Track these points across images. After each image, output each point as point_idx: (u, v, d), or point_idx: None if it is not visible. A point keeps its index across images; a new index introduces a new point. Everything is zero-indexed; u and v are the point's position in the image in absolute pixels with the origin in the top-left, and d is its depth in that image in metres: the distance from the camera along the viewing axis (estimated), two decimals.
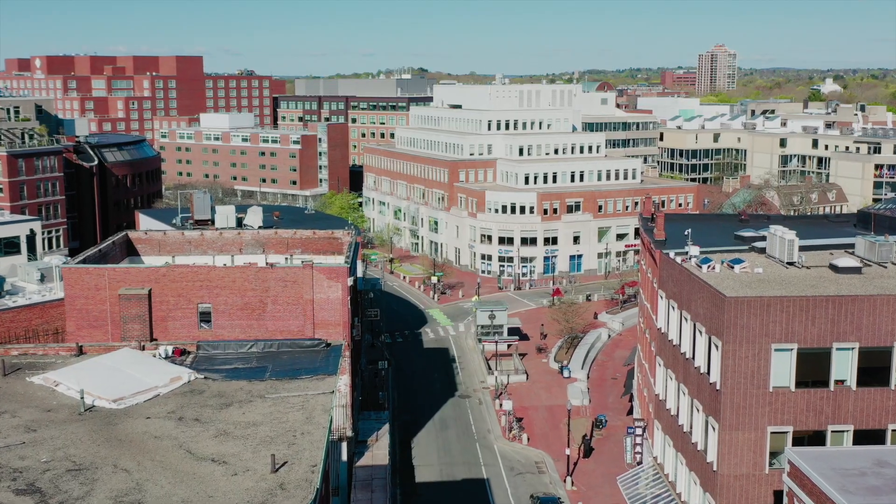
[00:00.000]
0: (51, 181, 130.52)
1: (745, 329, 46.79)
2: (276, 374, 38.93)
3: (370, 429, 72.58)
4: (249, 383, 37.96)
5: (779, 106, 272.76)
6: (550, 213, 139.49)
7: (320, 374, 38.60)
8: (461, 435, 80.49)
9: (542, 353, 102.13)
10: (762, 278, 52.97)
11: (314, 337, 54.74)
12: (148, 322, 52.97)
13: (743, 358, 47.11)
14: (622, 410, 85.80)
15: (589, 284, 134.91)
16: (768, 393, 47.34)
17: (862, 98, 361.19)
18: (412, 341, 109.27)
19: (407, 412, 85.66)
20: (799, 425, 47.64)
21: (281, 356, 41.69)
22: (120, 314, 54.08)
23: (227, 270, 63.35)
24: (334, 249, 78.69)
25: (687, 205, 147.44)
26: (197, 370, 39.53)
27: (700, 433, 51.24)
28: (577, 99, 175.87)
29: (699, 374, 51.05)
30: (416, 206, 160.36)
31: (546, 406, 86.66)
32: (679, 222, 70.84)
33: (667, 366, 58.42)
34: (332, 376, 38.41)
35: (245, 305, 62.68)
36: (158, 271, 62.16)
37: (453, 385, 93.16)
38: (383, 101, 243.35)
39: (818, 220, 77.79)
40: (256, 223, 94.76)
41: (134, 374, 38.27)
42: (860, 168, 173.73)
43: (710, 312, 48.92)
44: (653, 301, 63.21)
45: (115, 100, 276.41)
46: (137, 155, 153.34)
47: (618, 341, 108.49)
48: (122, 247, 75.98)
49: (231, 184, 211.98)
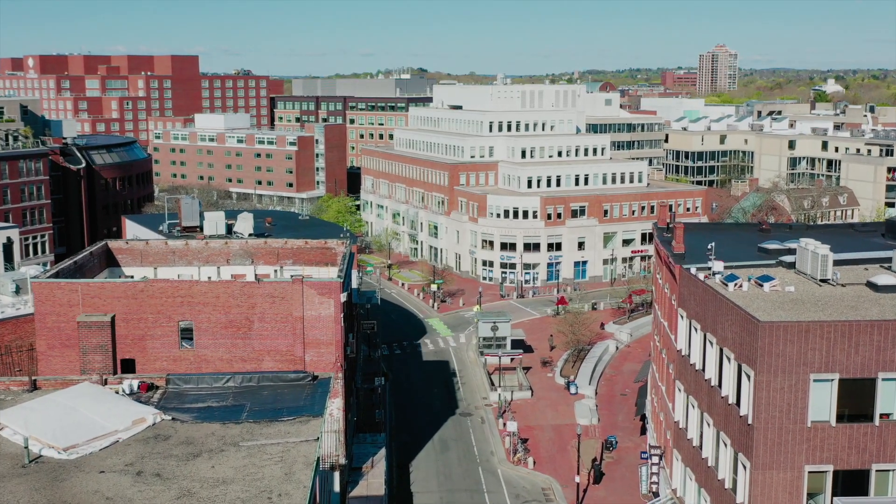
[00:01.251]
0: (35, 184, 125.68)
1: (780, 357, 41.99)
2: (253, 415, 34.12)
3: (365, 454, 67.67)
4: (223, 426, 33.15)
5: (785, 107, 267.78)
6: (554, 218, 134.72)
7: (304, 416, 33.77)
8: (462, 457, 75.65)
9: (548, 367, 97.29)
10: (795, 298, 48.19)
11: (300, 369, 49.63)
12: (111, 352, 47.79)
13: (778, 389, 42.31)
14: (633, 430, 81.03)
15: (594, 292, 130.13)
16: (806, 428, 42.54)
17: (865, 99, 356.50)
18: (411, 353, 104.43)
19: (405, 432, 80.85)
20: (840, 464, 42.83)
21: (261, 392, 36.87)
22: (79, 344, 48.60)
23: (211, 285, 58.56)
24: (328, 260, 73.86)
25: (695, 209, 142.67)
26: (165, 409, 34.72)
27: (727, 470, 46.42)
28: (580, 100, 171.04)
29: (727, 404, 46.23)
30: (416, 210, 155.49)
31: (552, 425, 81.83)
32: (692, 231, 66.16)
33: (688, 392, 53.61)
34: (318, 418, 33.59)
35: (230, 323, 57.90)
36: (136, 286, 57.40)
37: (454, 402, 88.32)
38: (382, 101, 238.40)
39: (844, 230, 72.97)
40: (247, 230, 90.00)
41: (91, 416, 33.44)
42: (872, 171, 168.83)
43: (741, 338, 44.10)
44: (671, 320, 58.40)
45: (110, 100, 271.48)
46: (127, 157, 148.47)
47: (626, 353, 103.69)
48: (101, 257, 71.14)
49: (226, 186, 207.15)
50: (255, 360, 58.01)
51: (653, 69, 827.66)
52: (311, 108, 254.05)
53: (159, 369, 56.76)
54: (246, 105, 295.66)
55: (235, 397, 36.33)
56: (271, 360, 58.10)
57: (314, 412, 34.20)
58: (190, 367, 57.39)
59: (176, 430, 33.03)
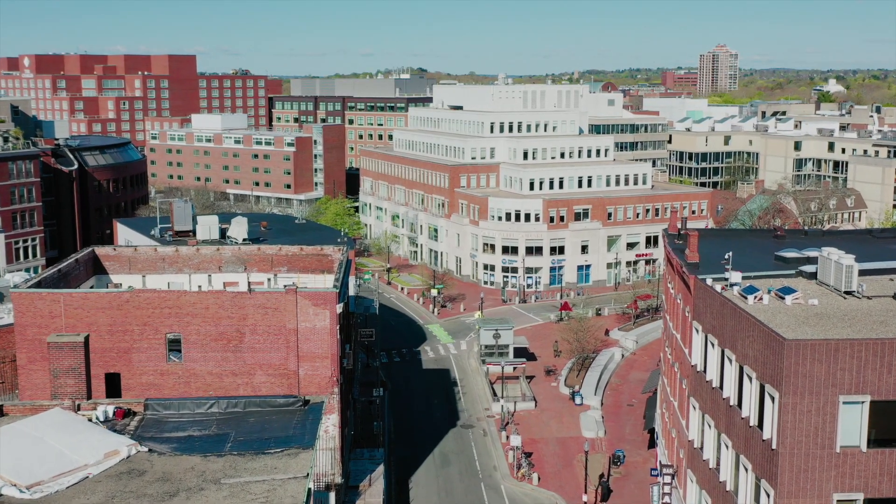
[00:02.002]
0: (26, 187, 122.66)
1: (808, 378, 39.03)
2: (238, 446, 31.21)
3: (363, 470, 64.62)
4: (204, 460, 30.22)
5: (790, 107, 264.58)
6: (557, 221, 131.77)
7: (293, 448, 30.85)
8: (464, 473, 72.68)
9: (552, 376, 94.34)
10: (819, 312, 45.24)
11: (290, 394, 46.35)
12: (84, 376, 44.47)
13: (805, 412, 39.35)
14: (641, 443, 78.13)
15: (598, 297, 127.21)
16: (835, 454, 39.57)
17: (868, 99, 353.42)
18: (410, 361, 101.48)
19: (404, 445, 77.89)
20: (871, 492, 39.85)
21: (247, 419, 34.00)
22: (49, 367, 45.22)
23: (200, 296, 55.55)
24: (324, 268, 70.88)
25: (701, 212, 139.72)
26: (141, 439, 31.80)
27: (748, 497, 43.47)
28: (583, 100, 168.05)
29: (748, 426, 43.28)
30: (415, 213, 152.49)
31: (557, 438, 78.87)
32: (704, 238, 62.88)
33: (703, 410, 50.65)
34: (308, 451, 30.62)
35: (220, 335, 54.82)
36: (121, 297, 54.42)
37: (455, 413, 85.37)
38: (381, 101, 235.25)
39: (861, 237, 70.01)
40: (241, 235, 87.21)
41: (60, 448, 30.51)
42: (880, 173, 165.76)
43: (764, 356, 41.14)
44: (684, 332, 55.44)
45: (106, 100, 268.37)
46: (121, 158, 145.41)
47: (632, 361, 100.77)
48: (87, 265, 68.14)
49: (223, 187, 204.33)
50: (247, 374, 55.03)
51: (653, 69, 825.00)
52: (309, 108, 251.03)
53: (145, 384, 53.94)
54: (244, 105, 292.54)
55: (219, 425, 33.42)
56: (263, 374, 55.10)
57: (304, 443, 31.28)
58: (178, 381, 54.46)
59: (152, 463, 30.10)
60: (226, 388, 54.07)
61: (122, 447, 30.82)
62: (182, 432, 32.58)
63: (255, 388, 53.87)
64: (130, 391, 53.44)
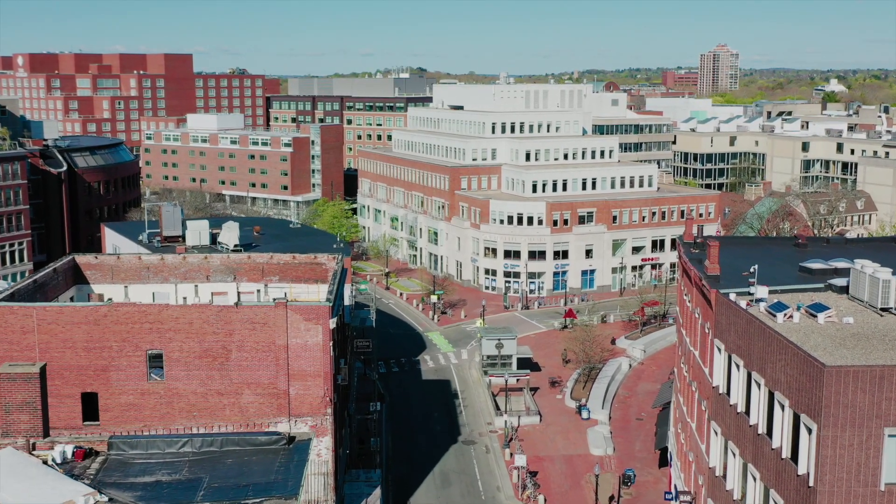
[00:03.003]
0: (13, 189, 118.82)
1: (850, 409, 35.20)
2: (211, 495, 27.37)
3: (359, 494, 60.78)
4: None
5: (796, 107, 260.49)
6: (560, 224, 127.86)
7: (275, 497, 26.97)
8: (466, 493, 68.77)
9: (557, 388, 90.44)
10: (857, 332, 41.41)
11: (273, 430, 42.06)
12: (40, 411, 40.00)
13: (846, 446, 35.52)
14: (651, 461, 74.28)
15: (603, 303, 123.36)
16: (879, 492, 35.77)
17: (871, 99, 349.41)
18: (409, 371, 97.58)
19: (403, 462, 73.99)
20: None
21: (224, 460, 30.17)
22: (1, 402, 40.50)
23: (183, 310, 51.66)
24: (317, 277, 66.98)
25: (709, 215, 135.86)
26: (102, 485, 27.93)
27: None
28: (586, 100, 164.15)
29: (779, 458, 39.43)
30: (415, 215, 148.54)
31: (563, 456, 74.96)
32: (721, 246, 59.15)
33: (726, 436, 46.79)
34: (293, 500, 26.69)
35: (205, 352, 50.96)
36: (98, 311, 50.52)
37: (456, 428, 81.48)
38: (380, 101, 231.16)
39: (886, 244, 66.10)
40: (232, 241, 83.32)
41: (7, 498, 26.55)
42: (891, 174, 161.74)
43: (799, 383, 37.29)
44: (703, 350, 51.56)
45: (101, 99, 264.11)
46: (112, 160, 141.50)
47: (640, 372, 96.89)
48: (67, 274, 64.24)
49: (219, 188, 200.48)
50: (234, 394, 51.15)
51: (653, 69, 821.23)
52: (307, 108, 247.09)
53: (124, 404, 50.12)
54: (241, 105, 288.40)
55: (192, 467, 29.58)
56: (251, 393, 51.21)
57: (287, 491, 27.45)
58: (159, 401, 50.58)
59: None
60: (211, 408, 50.23)
61: (78, 497, 27.02)
62: (149, 476, 28.76)
63: (243, 409, 50.03)
64: (108, 412, 49.59)
